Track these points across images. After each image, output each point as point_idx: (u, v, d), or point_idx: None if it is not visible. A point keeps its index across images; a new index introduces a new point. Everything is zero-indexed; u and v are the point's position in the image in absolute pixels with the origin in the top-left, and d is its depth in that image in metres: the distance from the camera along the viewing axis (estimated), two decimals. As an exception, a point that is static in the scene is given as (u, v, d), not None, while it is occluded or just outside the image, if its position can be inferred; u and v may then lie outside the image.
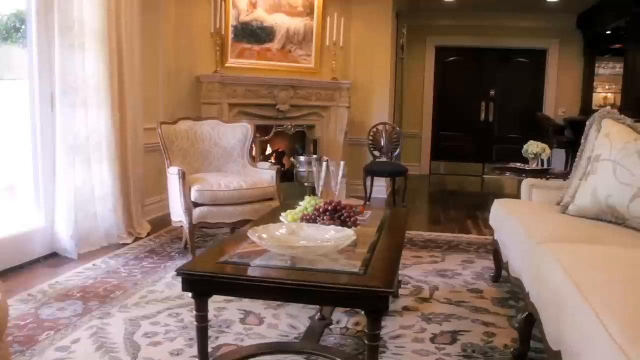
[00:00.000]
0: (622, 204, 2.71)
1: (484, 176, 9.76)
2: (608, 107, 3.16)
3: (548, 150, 4.90)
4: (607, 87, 10.19)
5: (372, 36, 7.17)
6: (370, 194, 6.66)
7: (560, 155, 8.95)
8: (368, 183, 6.56)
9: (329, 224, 2.52)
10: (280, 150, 6.88)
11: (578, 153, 3.29)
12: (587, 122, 3.33)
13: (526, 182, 3.66)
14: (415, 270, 3.99)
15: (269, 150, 6.78)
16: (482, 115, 10.14)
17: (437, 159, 10.19)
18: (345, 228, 2.42)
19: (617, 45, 8.96)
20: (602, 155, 2.86)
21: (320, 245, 2.19)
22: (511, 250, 3.02)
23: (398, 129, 7.03)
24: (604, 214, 2.83)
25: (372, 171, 6.49)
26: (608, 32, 8.82)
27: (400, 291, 3.51)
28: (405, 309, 3.24)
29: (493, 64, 10.05)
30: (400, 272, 3.89)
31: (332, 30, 6.60)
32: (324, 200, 2.78)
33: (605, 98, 10.41)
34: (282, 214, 2.82)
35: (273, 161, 6.76)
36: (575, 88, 9.74)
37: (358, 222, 2.68)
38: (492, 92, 10.09)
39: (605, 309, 1.63)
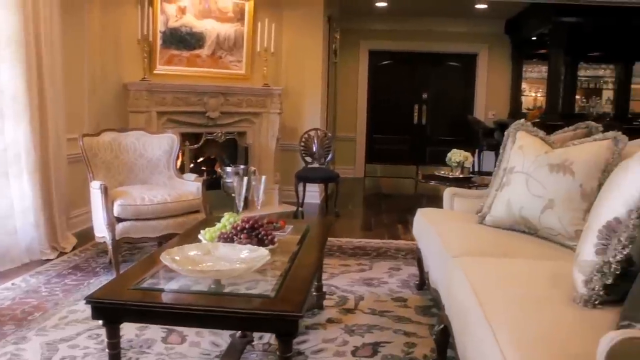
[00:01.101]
0: (534, 215, 2.80)
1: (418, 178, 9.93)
2: (522, 120, 3.24)
3: (471, 158, 5.02)
4: (535, 90, 10.55)
5: (304, 41, 7.18)
6: (303, 199, 6.67)
7: (490, 157, 9.19)
8: (300, 189, 6.56)
9: (245, 243, 2.51)
10: (212, 157, 6.82)
11: (497, 163, 3.39)
12: (505, 133, 3.42)
13: (448, 192, 3.74)
14: (342, 280, 4.03)
15: (200, 158, 6.71)
16: (416, 118, 10.31)
17: (372, 161, 10.30)
18: (260, 248, 2.41)
19: (543, 51, 9.28)
20: (516, 168, 2.95)
21: (230, 269, 2.18)
22: (430, 261, 3.09)
23: (330, 134, 7.07)
24: (517, 225, 2.93)
25: (304, 177, 6.50)
26: (534, 38, 9.11)
27: (326, 302, 3.53)
28: (330, 321, 3.26)
29: (426, 67, 10.23)
30: (327, 282, 3.92)
31: (263, 36, 6.58)
32: (243, 217, 2.76)
33: (535, 100, 10.78)
34: (202, 231, 2.79)
35: (205, 169, 6.70)
36: (504, 91, 10.03)
37: (277, 239, 2.68)
38: (424, 96, 10.28)
39: (503, 328, 1.69)
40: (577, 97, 10.90)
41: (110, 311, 2.07)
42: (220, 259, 2.34)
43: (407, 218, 6.26)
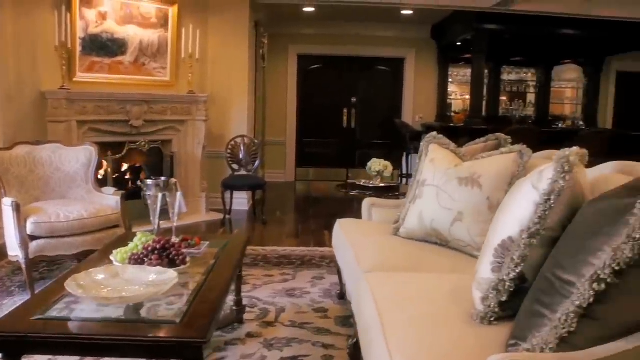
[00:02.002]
0: (445, 227, 2.89)
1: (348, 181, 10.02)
2: (434, 132, 3.33)
3: (390, 167, 5.11)
4: (464, 93, 10.83)
5: (230, 47, 7.14)
6: (231, 207, 6.64)
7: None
8: (228, 197, 6.53)
9: (156, 264, 2.49)
10: (137, 165, 6.69)
11: (413, 175, 3.46)
12: (421, 145, 3.50)
13: (366, 202, 3.80)
14: (264, 291, 4.04)
15: (125, 167, 6.57)
16: (345, 122, 10.41)
17: (302, 165, 10.32)
18: (169, 270, 2.39)
19: (468, 55, 9.54)
20: (427, 181, 3.03)
21: (135, 295, 2.16)
22: (345, 274, 3.14)
23: (257, 141, 7.06)
24: (429, 237, 3.01)
25: (231, 185, 6.46)
26: (458, 43, 9.34)
27: (247, 316, 3.52)
28: (249, 335, 3.26)
29: (354, 72, 10.33)
30: (249, 294, 3.93)
31: (188, 42, 6.50)
32: (155, 237, 2.73)
33: (464, 103, 11.05)
34: (114, 251, 2.74)
35: (129, 177, 6.57)
36: (431, 95, 10.25)
37: (189, 258, 2.67)
38: (353, 99, 10.37)
39: (399, 350, 1.73)
40: (504, 99, 11.28)
41: (10, 344, 2.00)
42: (128, 282, 2.30)
43: (334, 223, 6.33)
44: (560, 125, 9.85)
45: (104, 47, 6.05)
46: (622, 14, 7.73)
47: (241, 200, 7.10)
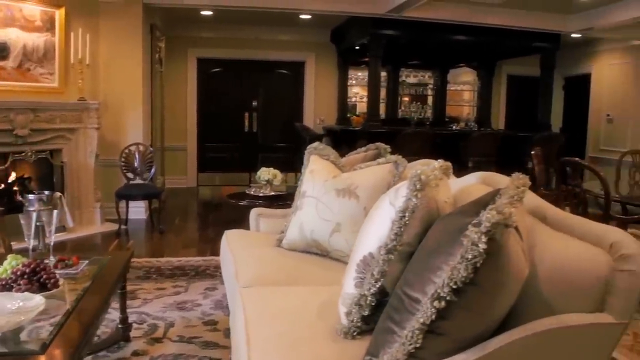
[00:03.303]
0: (324, 238, 2.93)
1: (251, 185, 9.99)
2: (316, 143, 3.36)
3: (280, 176, 5.14)
4: (363, 96, 11.04)
5: (123, 51, 6.94)
6: (127, 217, 6.46)
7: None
8: (123, 206, 6.35)
9: (25, 290, 2.38)
10: (25, 176, 6.37)
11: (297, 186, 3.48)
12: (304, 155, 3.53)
13: (254, 212, 3.79)
14: (155, 306, 3.96)
15: (11, 179, 6.24)
16: (247, 126, 10.37)
17: (205, 170, 10.20)
18: (36, 296, 2.29)
19: (367, 59, 9.73)
20: (307, 192, 3.06)
21: (-6, 326, 2.06)
22: (227, 289, 3.12)
23: (152, 148, 6.91)
24: (310, 248, 3.04)
25: (125, 195, 6.29)
26: (357, 47, 9.51)
27: (134, 333, 3.44)
28: (135, 354, 3.19)
29: (255, 75, 10.31)
30: (138, 309, 3.85)
31: (77, 47, 6.27)
32: (25, 259, 2.61)
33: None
34: (-19, 276, 2.60)
35: (17, 189, 6.25)
36: (332, 98, 10.39)
37: (62, 280, 2.57)
38: (255, 103, 10.36)
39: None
40: (407, 100, 11.60)
41: None
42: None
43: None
44: (454, 127, 10.23)
45: (-18, 51, 5.74)
46: (506, 21, 8.16)
47: (138, 209, 6.93)
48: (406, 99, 11.77)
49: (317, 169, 3.10)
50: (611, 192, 4.36)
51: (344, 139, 8.88)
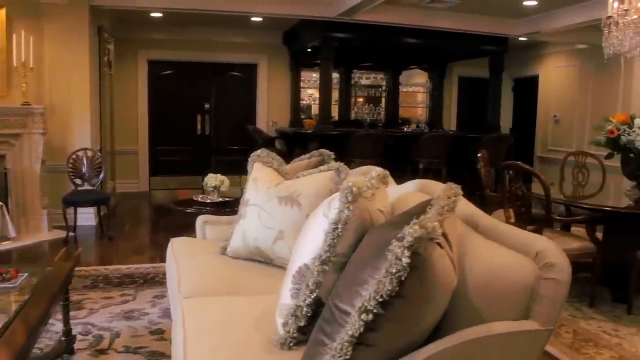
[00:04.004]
0: (267, 246, 2.93)
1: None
2: (260, 150, 3.35)
3: (227, 182, 5.12)
4: (317, 97, 11.05)
5: (69, 54, 6.79)
6: (75, 224, 6.33)
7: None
8: (71, 213, 6.21)
9: (-44, 305, 2.32)
10: (-33, 183, 6.19)
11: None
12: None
13: (200, 220, 3.76)
14: (101, 316, 3.89)
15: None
16: (199, 129, 10.29)
17: (157, 174, 10.06)
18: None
19: (319, 61, 9.76)
20: (250, 200, 3.05)
21: None
22: (170, 300, 3.09)
23: (100, 153, 6.78)
24: (254, 255, 3.03)
25: (72, 201, 6.15)
26: (309, 49, 9.53)
27: (78, 344, 3.37)
28: (78, 366, 3.14)
29: (208, 77, 10.23)
30: (84, 320, 3.78)
31: (20, 50, 6.12)
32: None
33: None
34: None
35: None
36: (285, 100, 10.39)
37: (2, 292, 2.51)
38: (207, 106, 10.28)
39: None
40: (361, 101, 11.68)
41: None
42: None
43: (184, 235, 6.22)
44: (405, 128, 10.35)
45: None
46: (456, 25, 8.30)
47: (88, 216, 6.79)
48: (360, 100, 11.85)
49: (260, 177, 3.09)
50: (551, 194, 4.48)
51: (297, 141, 8.90)
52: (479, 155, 5.39)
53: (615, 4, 4.75)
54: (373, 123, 10.86)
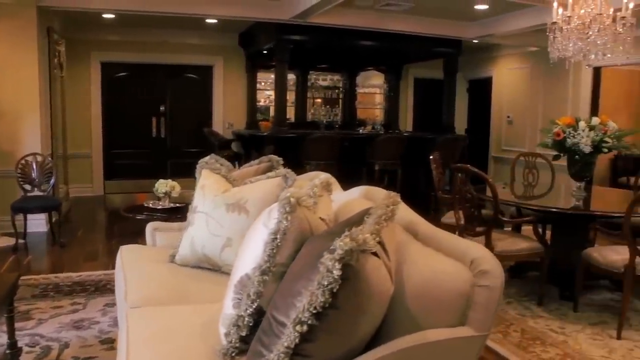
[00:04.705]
0: (215, 253, 2.93)
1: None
2: (208, 157, 3.33)
3: (178, 187, 5.08)
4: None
5: (17, 56, 6.63)
6: (25, 231, 6.19)
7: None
8: (21, 219, 6.07)
9: None
10: None
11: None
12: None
13: (150, 226, 3.72)
14: (50, 326, 3.82)
15: None
16: (155, 131, 10.16)
17: (112, 178, 9.90)
18: None
19: (274, 62, 9.76)
20: (198, 207, 3.04)
21: None
22: (117, 310, 3.06)
23: (50, 158, 6.64)
24: (202, 263, 3.02)
25: (21, 208, 6.01)
26: (265, 51, 9.51)
27: (25, 357, 3.31)
28: (23, 379, 3.08)
29: (163, 80, 10.12)
30: (32, 331, 3.71)
31: (-35, 53, 5.96)
32: None
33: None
34: None
35: None
36: (241, 102, 10.35)
37: None
38: (162, 108, 10.17)
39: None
40: (319, 102, 11.69)
41: None
42: None
43: (138, 241, 6.14)
44: (361, 130, 10.41)
45: None
46: (411, 28, 8.39)
47: (39, 222, 6.65)
48: (318, 101, 11.87)
49: (208, 184, 3.08)
50: (503, 195, 4.59)
51: (253, 144, 8.87)
52: (431, 157, 5.48)
53: (560, 10, 4.89)
54: (330, 124, 10.90)
